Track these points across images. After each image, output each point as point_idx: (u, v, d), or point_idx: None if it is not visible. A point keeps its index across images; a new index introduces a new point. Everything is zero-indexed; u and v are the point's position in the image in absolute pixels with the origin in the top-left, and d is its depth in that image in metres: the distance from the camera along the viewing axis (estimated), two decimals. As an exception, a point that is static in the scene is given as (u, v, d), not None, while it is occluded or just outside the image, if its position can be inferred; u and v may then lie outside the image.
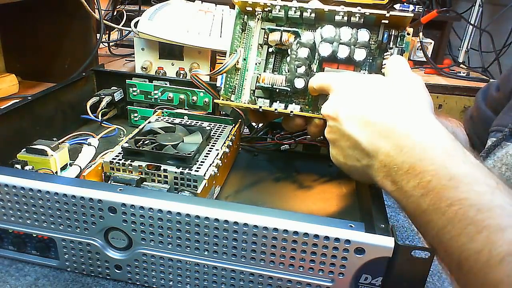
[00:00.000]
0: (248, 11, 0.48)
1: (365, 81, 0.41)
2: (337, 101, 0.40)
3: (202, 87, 0.50)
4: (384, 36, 0.45)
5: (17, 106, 0.51)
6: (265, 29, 0.48)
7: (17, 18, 0.88)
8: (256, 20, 0.49)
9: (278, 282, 0.35)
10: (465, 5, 1.53)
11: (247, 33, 0.49)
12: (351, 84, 0.41)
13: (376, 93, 0.39)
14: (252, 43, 0.49)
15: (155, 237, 0.36)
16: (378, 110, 0.37)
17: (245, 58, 0.49)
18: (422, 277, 0.33)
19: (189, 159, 0.44)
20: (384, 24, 0.44)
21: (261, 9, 0.48)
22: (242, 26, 0.49)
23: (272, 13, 0.47)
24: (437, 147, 0.34)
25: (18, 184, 0.36)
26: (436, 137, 0.35)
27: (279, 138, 0.59)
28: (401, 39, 0.45)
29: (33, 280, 0.39)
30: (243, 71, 0.49)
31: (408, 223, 0.51)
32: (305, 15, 0.46)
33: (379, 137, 0.36)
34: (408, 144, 0.34)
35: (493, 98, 0.59)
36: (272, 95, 0.49)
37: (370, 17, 0.44)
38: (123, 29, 1.12)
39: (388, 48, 0.45)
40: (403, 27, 0.45)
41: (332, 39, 0.45)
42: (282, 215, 0.33)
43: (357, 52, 0.44)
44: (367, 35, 0.45)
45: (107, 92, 0.65)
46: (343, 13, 0.45)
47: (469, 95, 1.26)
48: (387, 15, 0.43)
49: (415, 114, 0.37)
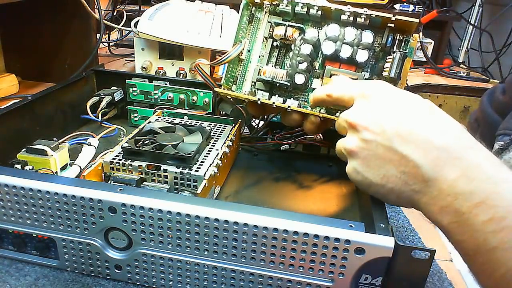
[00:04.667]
0: (256, 3, 0.49)
1: (403, 95, 0.37)
2: (376, 111, 0.36)
3: (204, 78, 0.51)
4: (388, 39, 0.44)
5: (17, 106, 0.51)
6: (271, 22, 0.48)
7: (17, 18, 0.88)
8: (264, 13, 0.49)
9: (278, 282, 0.35)
10: (465, 5, 1.53)
11: (253, 24, 0.49)
12: (390, 95, 0.37)
13: (426, 110, 0.36)
14: (257, 35, 0.49)
15: (155, 237, 0.35)
16: (440, 133, 0.34)
17: (249, 49, 0.49)
18: (422, 277, 0.33)
19: (189, 159, 0.44)
20: (389, 27, 0.44)
21: (269, 2, 0.48)
22: (249, 17, 0.49)
23: (279, 7, 0.47)
24: (510, 183, 0.32)
25: (18, 184, 0.36)
26: (505, 171, 0.33)
27: (279, 138, 0.59)
28: (405, 44, 0.45)
29: (33, 280, 0.39)
30: (246, 62, 0.49)
31: (408, 223, 0.51)
32: (312, 12, 0.46)
33: (445, 164, 0.33)
34: (479, 176, 0.32)
35: (499, 102, 0.59)
36: (272, 88, 0.49)
37: (376, 19, 0.44)
38: (123, 29, 1.13)
39: (392, 52, 0.45)
40: (408, 32, 0.45)
41: (336, 38, 0.45)
42: (282, 215, 0.33)
43: (360, 53, 0.44)
44: (371, 37, 0.45)
45: (107, 92, 0.65)
46: (349, 13, 0.45)
47: (469, 95, 1.26)
48: (393, 18, 0.43)
49: (476, 143, 0.34)
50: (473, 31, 1.47)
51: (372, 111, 0.36)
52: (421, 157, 0.33)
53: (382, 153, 0.35)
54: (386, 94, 0.37)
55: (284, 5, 0.47)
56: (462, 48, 1.50)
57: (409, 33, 0.45)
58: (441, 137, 0.34)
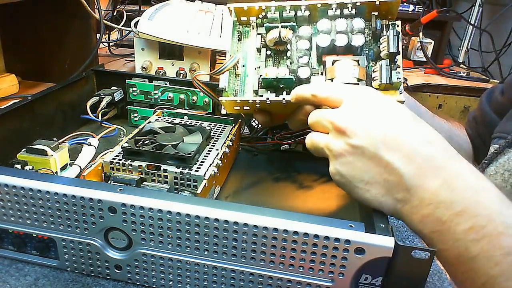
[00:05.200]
0: (243, 21, 0.49)
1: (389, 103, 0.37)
2: (364, 117, 0.36)
3: (203, 91, 0.50)
4: (377, 24, 0.45)
5: (17, 106, 0.51)
6: (261, 34, 0.48)
7: (17, 18, 0.88)
8: (251, 29, 0.49)
9: (278, 282, 0.35)
10: (465, 5, 1.53)
11: (243, 42, 0.50)
12: (377, 101, 0.37)
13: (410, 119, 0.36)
14: (249, 51, 0.49)
15: (155, 237, 0.35)
16: (425, 142, 0.34)
17: (244, 64, 0.49)
18: (422, 277, 0.33)
19: (189, 159, 0.44)
20: (375, 13, 0.45)
21: (256, 16, 0.48)
22: (239, 35, 0.50)
23: (267, 17, 0.48)
24: (491, 192, 0.32)
25: (18, 184, 0.36)
26: (486, 181, 0.33)
27: (279, 138, 0.59)
28: (393, 27, 0.45)
29: (33, 280, 0.39)
30: (243, 77, 0.49)
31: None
32: (299, 13, 0.47)
33: (428, 173, 0.33)
34: (460, 185, 0.32)
35: (498, 102, 0.59)
36: (277, 89, 0.48)
37: (362, 7, 0.45)
38: (123, 29, 1.12)
39: (382, 35, 0.45)
40: (393, 14, 0.45)
41: (329, 30, 0.45)
42: (282, 215, 0.33)
43: (355, 38, 0.45)
44: (362, 22, 0.45)
45: (107, 92, 0.65)
46: (335, 6, 0.45)
47: (469, 95, 1.26)
48: (377, 2, 0.44)
49: (458, 154, 0.34)
50: (473, 31, 1.48)
51: (360, 116, 0.36)
52: (405, 165, 0.33)
53: (368, 159, 0.35)
54: (373, 100, 0.37)
55: (272, 12, 0.47)
56: (462, 48, 1.50)
57: (394, 14, 0.45)
58: (426, 146, 0.34)
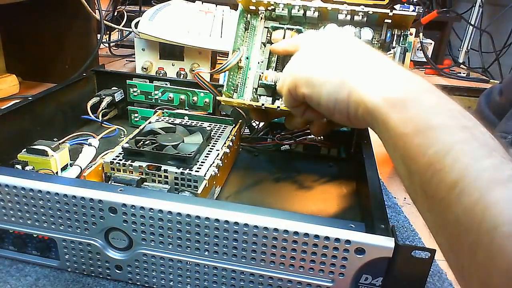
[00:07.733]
0: (252, 10, 0.49)
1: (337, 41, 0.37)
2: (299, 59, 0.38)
3: (204, 86, 0.50)
4: (387, 35, 0.45)
5: (18, 107, 0.51)
6: (268, 27, 0.48)
7: (18, 18, 0.88)
8: (259, 19, 0.49)
9: (279, 282, 0.35)
10: (465, 5, 1.53)
11: (250, 31, 0.49)
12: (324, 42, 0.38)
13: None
14: (255, 42, 0.49)
15: (156, 237, 0.36)
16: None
17: (247, 56, 0.49)
18: (422, 277, 0.33)
19: (189, 160, 0.44)
20: (387, 23, 0.44)
21: (265, 8, 0.48)
22: (245, 24, 0.49)
23: (275, 11, 0.47)
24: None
25: (18, 185, 0.36)
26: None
27: (279, 138, 0.59)
28: (403, 39, 0.45)
29: (33, 281, 0.39)
30: (245, 70, 0.49)
31: (408, 223, 0.51)
32: (309, 13, 0.46)
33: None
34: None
35: (496, 103, 0.59)
36: (274, 93, 0.49)
37: (373, 16, 0.44)
38: (124, 30, 1.13)
39: (391, 47, 0.45)
40: (405, 27, 0.45)
41: None
42: (282, 215, 0.33)
43: None
44: (370, 33, 0.45)
45: (107, 93, 0.65)
46: (346, 12, 0.45)
47: (469, 95, 1.25)
48: (390, 14, 0.43)
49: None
50: (473, 32, 1.47)
51: (298, 59, 0.38)
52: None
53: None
54: (321, 42, 0.37)
55: (280, 9, 0.47)
56: (462, 48, 1.50)
57: (406, 27, 0.45)
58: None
